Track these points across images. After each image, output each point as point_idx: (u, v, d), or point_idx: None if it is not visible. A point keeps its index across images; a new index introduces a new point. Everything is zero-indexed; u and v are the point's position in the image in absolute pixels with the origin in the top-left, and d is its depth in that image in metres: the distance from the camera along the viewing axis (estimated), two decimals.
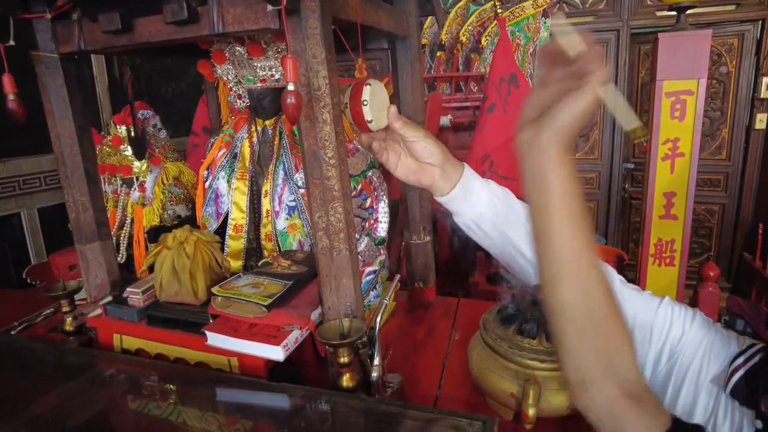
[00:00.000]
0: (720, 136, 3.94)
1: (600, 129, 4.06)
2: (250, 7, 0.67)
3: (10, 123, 1.65)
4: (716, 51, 3.88)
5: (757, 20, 3.71)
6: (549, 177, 0.52)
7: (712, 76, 3.90)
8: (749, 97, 3.81)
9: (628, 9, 3.91)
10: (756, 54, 3.75)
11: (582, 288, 0.52)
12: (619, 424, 0.53)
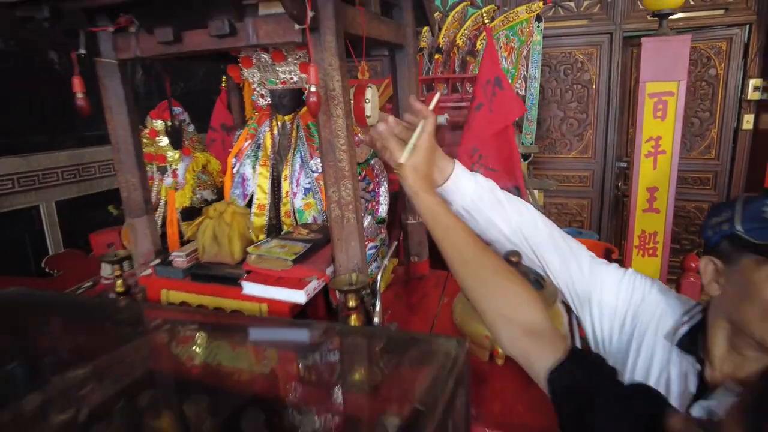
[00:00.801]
0: (709, 136, 4.14)
1: (594, 129, 4.26)
2: (280, 24, 0.87)
3: (30, 121, 1.86)
4: (706, 54, 4.08)
5: (744, 24, 3.90)
6: (415, 201, 0.80)
7: (701, 78, 4.10)
8: (737, 98, 4.00)
9: (621, 13, 4.10)
10: (743, 57, 3.95)
11: (451, 247, 0.78)
12: (525, 355, 0.73)
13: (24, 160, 2.78)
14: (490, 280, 0.75)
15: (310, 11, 0.79)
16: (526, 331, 0.73)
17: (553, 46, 4.24)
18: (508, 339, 0.74)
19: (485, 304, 0.76)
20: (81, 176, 3.09)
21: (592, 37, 4.20)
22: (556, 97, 4.32)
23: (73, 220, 3.04)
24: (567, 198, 4.41)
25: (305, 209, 1.12)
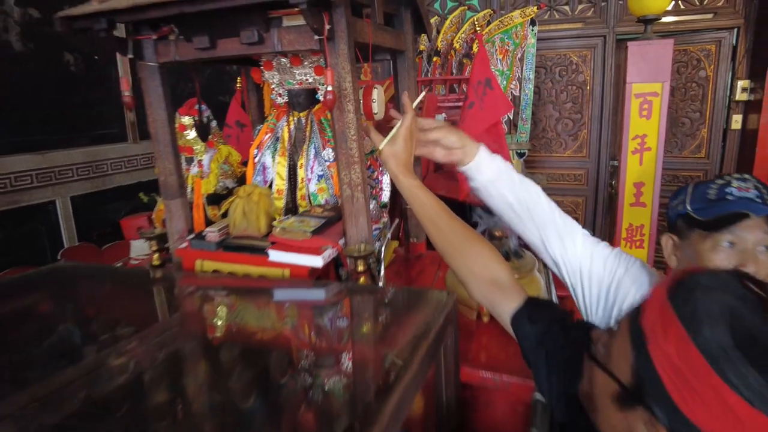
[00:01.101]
0: (699, 136, 4.33)
1: (588, 129, 4.46)
2: (301, 34, 1.07)
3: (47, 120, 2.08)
4: (696, 56, 4.28)
5: (732, 28, 4.10)
6: (396, 183, 1.00)
7: (692, 79, 4.31)
8: (726, 99, 4.20)
9: (614, 16, 4.30)
10: (732, 59, 4.15)
11: (428, 219, 0.97)
12: (491, 303, 0.93)
13: (42, 157, 2.96)
14: (460, 244, 0.95)
15: (328, 24, 0.99)
16: (491, 283, 0.93)
17: (549, 48, 4.44)
18: (478, 291, 0.94)
19: (458, 263, 0.95)
20: (94, 173, 3.27)
21: (586, 40, 4.40)
22: (551, 97, 4.52)
23: (87, 215, 3.21)
24: (562, 196, 4.60)
25: (319, 193, 1.32)
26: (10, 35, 2.79)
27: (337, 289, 1.03)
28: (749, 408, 0.50)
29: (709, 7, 4.14)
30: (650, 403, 0.58)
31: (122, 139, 3.47)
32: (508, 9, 4.35)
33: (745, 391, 0.50)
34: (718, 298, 0.55)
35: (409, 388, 0.67)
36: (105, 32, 1.13)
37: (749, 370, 0.51)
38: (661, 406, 0.57)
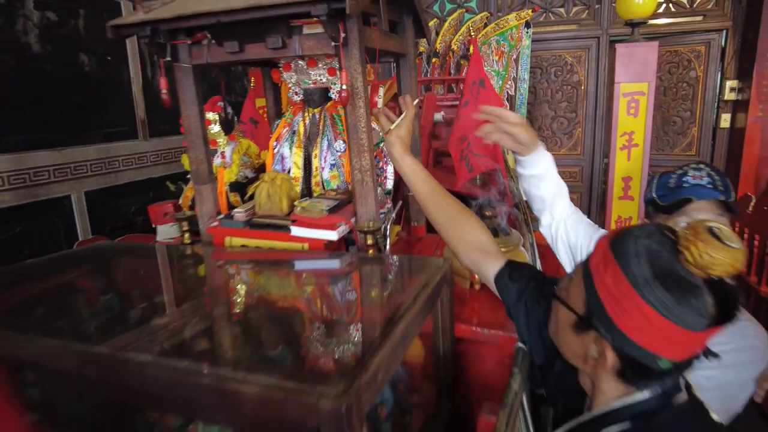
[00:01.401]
0: (690, 134, 4.55)
1: (582, 128, 4.67)
2: (319, 40, 1.27)
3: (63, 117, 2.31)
4: (686, 57, 4.50)
5: (721, 30, 4.32)
6: (401, 162, 1.21)
7: (682, 79, 4.52)
8: (715, 98, 4.42)
9: (607, 19, 4.51)
10: (721, 60, 4.37)
11: (426, 194, 1.19)
12: (477, 266, 1.14)
13: (59, 153, 3.15)
14: (453, 215, 1.16)
15: (343, 33, 1.19)
16: (477, 249, 1.14)
17: (544, 49, 4.65)
18: (466, 256, 1.15)
19: (450, 232, 1.16)
20: (107, 169, 3.47)
21: (580, 41, 4.62)
22: (547, 97, 4.73)
23: (100, 209, 3.41)
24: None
25: (331, 179, 1.52)
26: (30, 37, 2.99)
27: (350, 258, 1.23)
28: (659, 317, 0.71)
29: (699, 10, 4.36)
30: (597, 324, 0.79)
31: (133, 136, 3.66)
32: (505, 11, 4.56)
33: (658, 306, 0.71)
34: (643, 242, 0.76)
35: (412, 324, 0.87)
36: (148, 38, 1.33)
37: (662, 292, 0.71)
38: (604, 325, 0.77)
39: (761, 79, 3.92)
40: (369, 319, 0.96)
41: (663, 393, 0.82)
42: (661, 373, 0.77)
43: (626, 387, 0.83)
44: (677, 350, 0.75)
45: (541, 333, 1.07)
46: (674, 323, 0.71)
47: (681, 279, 0.72)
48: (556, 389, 1.07)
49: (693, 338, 0.73)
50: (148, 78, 3.74)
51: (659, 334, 0.73)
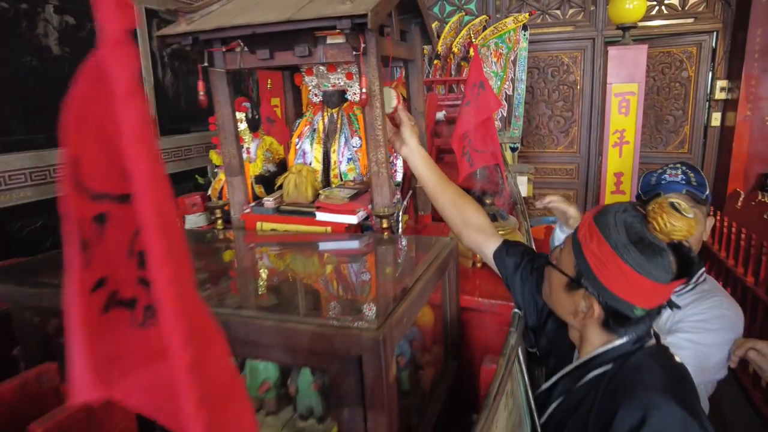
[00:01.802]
0: (683, 132, 4.78)
1: (578, 126, 4.90)
2: (341, 49, 1.48)
3: None
4: (679, 58, 4.73)
5: (711, 32, 4.56)
6: (416, 149, 1.44)
7: (675, 79, 4.76)
8: (706, 98, 4.65)
9: (602, 21, 4.75)
10: (711, 60, 4.61)
11: (434, 182, 1.41)
12: (478, 244, 1.36)
13: None
14: (456, 200, 1.39)
15: (363, 43, 1.41)
16: (477, 230, 1.36)
17: (542, 50, 4.88)
18: (468, 236, 1.37)
19: (454, 214, 1.38)
20: None
21: (576, 42, 4.85)
22: (544, 96, 4.96)
23: None
24: (554, 189, 5.04)
25: (348, 172, 1.73)
26: (50, 40, 3.19)
27: (370, 238, 1.45)
28: (635, 273, 0.93)
29: (690, 12, 4.59)
30: (585, 284, 1.01)
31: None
32: (503, 12, 4.80)
33: (634, 265, 0.93)
34: (620, 216, 0.98)
35: (426, 286, 1.09)
36: (190, 47, 1.54)
37: (637, 254, 0.94)
38: (591, 283, 0.99)
39: (749, 79, 4.15)
40: (392, 280, 1.18)
41: (637, 338, 1.05)
42: (636, 320, 1.00)
43: (608, 335, 1.06)
44: (649, 300, 0.97)
45: (534, 298, 1.29)
46: (646, 278, 0.93)
47: (650, 243, 0.95)
48: (548, 347, 1.29)
49: (661, 290, 0.96)
50: (159, 79, 3.94)
51: (635, 288, 0.95)
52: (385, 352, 0.85)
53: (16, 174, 2.94)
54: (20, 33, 2.96)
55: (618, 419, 0.94)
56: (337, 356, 0.87)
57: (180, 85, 4.13)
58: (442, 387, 1.31)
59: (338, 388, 0.89)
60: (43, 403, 1.00)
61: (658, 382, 0.97)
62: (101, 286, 0.47)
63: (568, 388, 1.15)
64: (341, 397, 0.89)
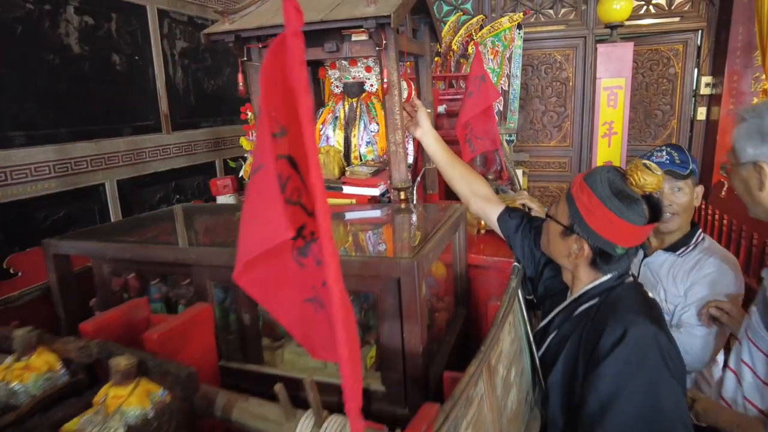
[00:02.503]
0: (670, 126, 5.13)
1: (571, 120, 5.23)
2: (364, 45, 1.79)
3: (98, 112, 2.88)
4: (666, 55, 5.08)
5: (696, 30, 4.91)
6: (430, 131, 1.74)
7: (663, 75, 5.11)
8: (692, 93, 5.00)
9: (593, 20, 5.08)
10: (697, 57, 4.96)
11: (445, 158, 1.73)
12: (484, 211, 1.69)
13: (95, 145, 3.61)
14: (464, 174, 1.71)
15: (384, 40, 1.71)
16: (483, 198, 1.67)
17: (535, 48, 5.21)
18: (475, 204, 1.68)
19: (462, 185, 1.69)
20: (135, 160, 3.92)
21: (568, 40, 5.19)
22: (537, 92, 5.29)
23: (129, 197, 3.86)
24: (548, 182, 5.36)
25: (367, 154, 2.04)
26: (71, 39, 3.45)
27: (389, 208, 1.75)
28: (617, 218, 1.24)
29: (676, 12, 4.95)
30: (577, 229, 1.31)
31: (157, 130, 4.12)
32: (498, 12, 5.13)
33: (616, 211, 1.24)
34: (604, 175, 1.29)
35: (443, 236, 1.39)
36: (232, 43, 1.84)
37: (618, 203, 1.25)
38: (582, 228, 1.30)
39: (732, 75, 4.50)
40: (417, 231, 1.48)
41: (619, 276, 1.35)
42: (618, 258, 1.31)
43: (595, 273, 1.36)
44: (628, 240, 1.28)
45: (532, 252, 1.59)
46: (626, 221, 1.24)
47: (628, 194, 1.25)
48: (543, 293, 1.59)
49: (637, 231, 1.26)
50: (170, 76, 4.21)
51: (617, 230, 1.26)
52: (418, 276, 1.14)
53: (40, 166, 3.19)
54: (44, 33, 3.22)
55: (604, 335, 1.24)
56: (382, 279, 1.16)
57: (189, 82, 4.41)
58: (454, 328, 1.61)
59: (382, 304, 1.18)
60: (136, 328, 1.28)
61: (635, 306, 1.28)
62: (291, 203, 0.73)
63: (562, 321, 1.46)
64: (383, 312, 1.18)
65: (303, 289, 0.91)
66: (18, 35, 3.01)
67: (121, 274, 1.57)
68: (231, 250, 1.33)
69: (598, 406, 1.21)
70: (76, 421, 0.97)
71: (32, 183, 3.19)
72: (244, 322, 1.36)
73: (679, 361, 1.23)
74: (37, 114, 3.17)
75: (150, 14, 4.01)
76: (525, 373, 1.47)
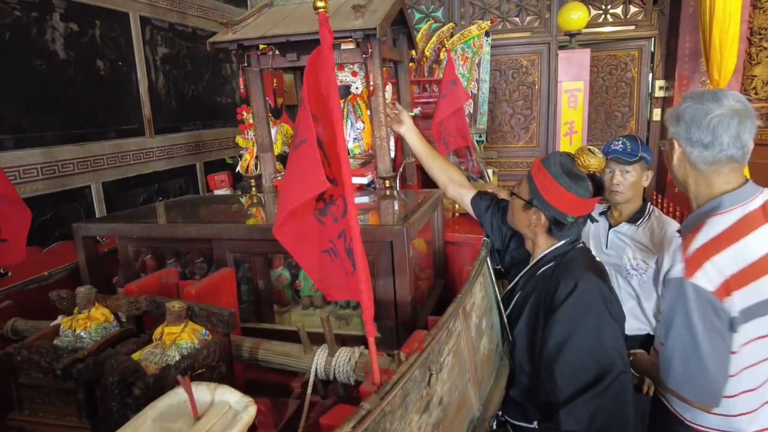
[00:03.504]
0: (629, 127, 5.61)
1: (537, 123, 5.66)
2: (352, 53, 2.12)
3: (83, 116, 3.19)
4: (623, 60, 5.57)
5: (650, 38, 5.42)
6: (412, 128, 2.08)
7: (621, 80, 5.59)
8: (648, 96, 5.50)
9: (556, 27, 5.53)
10: (651, 63, 5.46)
11: (424, 151, 2.06)
12: (460, 195, 2.05)
13: (81, 148, 3.79)
14: (442, 164, 2.05)
15: (370, 48, 2.04)
16: (458, 184, 2.02)
17: (503, 54, 5.64)
18: (452, 189, 2.02)
19: (440, 173, 2.04)
20: (120, 162, 4.12)
21: (533, 47, 5.63)
22: (505, 96, 5.71)
23: (114, 198, 4.06)
24: (516, 180, 5.76)
25: (354, 149, 2.36)
26: (57, 45, 3.67)
27: (374, 196, 2.08)
28: (567, 192, 1.60)
29: (632, 20, 5.45)
30: (535, 203, 1.66)
31: (141, 133, 4.33)
32: (468, 20, 5.54)
33: (566, 186, 1.60)
34: (557, 158, 1.65)
35: (424, 212, 1.72)
36: (235, 50, 2.14)
37: (568, 180, 1.61)
38: (540, 201, 1.65)
39: (682, 79, 5.00)
40: (404, 208, 1.82)
41: (570, 242, 1.69)
42: (569, 226, 1.65)
43: (551, 239, 1.70)
44: (577, 210, 1.63)
45: (500, 228, 1.94)
46: (574, 195, 1.59)
47: (576, 173, 1.61)
48: (510, 261, 1.94)
49: (584, 203, 1.61)
50: (153, 81, 4.44)
51: (568, 202, 1.60)
52: (407, 239, 1.47)
53: (28, 168, 3.38)
54: (32, 39, 3.42)
55: (559, 288, 1.59)
56: (377, 244, 1.48)
57: (171, 88, 4.65)
58: (434, 295, 1.94)
59: (377, 264, 1.50)
60: (168, 292, 1.56)
61: (585, 264, 1.63)
62: None
63: (525, 282, 1.80)
64: (379, 270, 1.50)
65: (322, 242, 1.23)
66: (6, 41, 3.19)
67: (145, 252, 1.84)
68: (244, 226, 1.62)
69: (555, 346, 1.55)
70: (140, 353, 1.25)
71: (21, 185, 3.35)
72: (258, 287, 1.66)
73: (618, 308, 1.58)
74: (24, 118, 3.35)
75: (133, 21, 4.23)
76: (495, 327, 1.80)
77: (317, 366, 1.30)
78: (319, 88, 1.04)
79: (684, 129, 1.42)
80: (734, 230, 1.34)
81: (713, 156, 1.38)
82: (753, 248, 1.32)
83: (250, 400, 0.92)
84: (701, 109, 1.40)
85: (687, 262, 1.33)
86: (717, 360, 1.32)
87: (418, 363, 1.07)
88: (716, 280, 1.29)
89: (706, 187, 1.43)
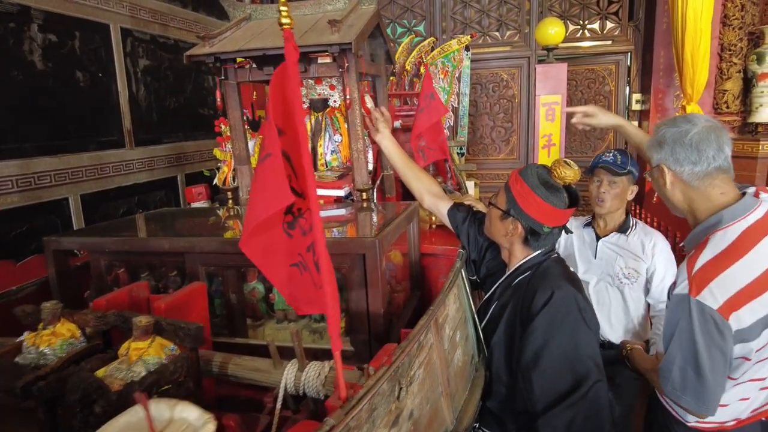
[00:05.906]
0: (608, 139, 5.69)
1: (517, 136, 5.72)
2: (329, 67, 2.12)
3: (61, 126, 3.14)
4: (601, 74, 5.67)
5: (626, 52, 5.52)
6: (389, 138, 2.09)
7: (599, 93, 5.68)
8: (626, 109, 5.59)
9: (535, 41, 5.61)
10: (627, 77, 5.56)
11: (401, 160, 2.07)
12: (436, 206, 2.05)
13: (59, 159, 3.73)
14: (418, 175, 2.05)
15: (346, 63, 2.05)
16: (435, 195, 2.02)
17: (483, 68, 5.70)
18: (428, 199, 2.02)
19: (417, 184, 2.04)
20: (99, 174, 4.06)
21: (513, 61, 5.70)
22: (486, 109, 5.77)
23: (92, 211, 3.99)
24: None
25: (332, 161, 2.36)
26: (34, 56, 3.62)
27: (351, 208, 2.08)
28: (543, 202, 1.61)
29: (608, 36, 5.55)
30: (513, 212, 1.67)
31: (120, 145, 4.27)
32: (449, 34, 5.61)
33: (543, 197, 1.61)
34: (534, 169, 1.66)
35: (399, 224, 1.72)
36: (212, 63, 2.13)
37: (544, 191, 1.62)
38: (517, 211, 1.66)
39: (657, 93, 5.09)
40: (378, 220, 1.81)
41: (545, 252, 1.70)
42: (545, 236, 1.66)
43: (527, 249, 1.71)
44: (553, 220, 1.64)
45: (477, 239, 1.94)
46: (551, 205, 1.60)
47: (552, 184, 1.62)
48: (486, 272, 1.94)
49: (560, 213, 1.62)
50: (133, 93, 4.41)
51: (544, 212, 1.61)
52: (380, 251, 1.46)
53: (3, 181, 3.31)
54: (8, 49, 3.38)
55: (536, 298, 1.59)
56: (350, 255, 1.47)
57: (152, 99, 4.61)
58: (410, 307, 1.94)
59: (350, 276, 1.49)
60: (138, 306, 1.53)
61: (560, 274, 1.64)
62: None
63: (502, 292, 1.80)
64: (351, 283, 1.49)
65: (291, 255, 1.22)
66: None
67: (118, 266, 1.81)
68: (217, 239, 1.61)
69: (532, 354, 1.55)
70: (105, 369, 1.23)
71: None
72: (231, 301, 1.64)
73: (593, 316, 1.60)
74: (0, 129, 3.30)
75: (113, 32, 4.20)
76: (470, 339, 1.80)
77: (287, 381, 1.28)
78: (285, 103, 1.04)
79: (669, 152, 1.46)
80: (737, 246, 1.36)
81: (704, 170, 1.42)
82: (759, 262, 1.35)
83: (210, 416, 0.90)
84: (679, 131, 1.45)
85: (692, 281, 1.35)
86: (715, 373, 1.35)
87: (386, 377, 1.06)
88: (721, 298, 1.32)
89: (704, 201, 1.46)
